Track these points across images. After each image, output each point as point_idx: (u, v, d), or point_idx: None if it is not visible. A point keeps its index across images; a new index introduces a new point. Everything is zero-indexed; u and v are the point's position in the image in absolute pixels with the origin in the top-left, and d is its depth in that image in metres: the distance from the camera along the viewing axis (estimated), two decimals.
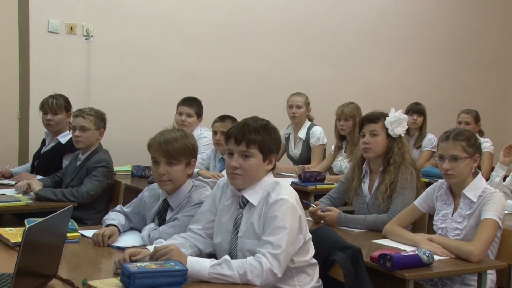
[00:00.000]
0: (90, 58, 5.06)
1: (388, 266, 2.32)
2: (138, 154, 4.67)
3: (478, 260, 2.49)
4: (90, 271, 2.17)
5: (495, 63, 7.12)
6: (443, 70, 6.76)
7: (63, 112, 4.18)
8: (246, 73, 5.66)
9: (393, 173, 3.07)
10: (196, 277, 2.04)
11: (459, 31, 6.86)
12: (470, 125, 5.17)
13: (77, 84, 4.99)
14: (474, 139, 2.76)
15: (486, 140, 5.19)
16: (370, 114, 3.21)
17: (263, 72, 5.73)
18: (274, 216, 2.18)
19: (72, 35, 5.01)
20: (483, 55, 7.02)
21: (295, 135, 5.09)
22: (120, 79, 5.16)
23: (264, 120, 2.35)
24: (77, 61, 5.02)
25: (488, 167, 5.08)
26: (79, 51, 5.03)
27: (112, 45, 5.12)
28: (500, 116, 7.13)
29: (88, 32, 5.04)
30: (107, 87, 5.11)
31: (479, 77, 6.99)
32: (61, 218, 2.01)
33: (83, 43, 5.04)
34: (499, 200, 2.67)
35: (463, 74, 6.89)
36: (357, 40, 6.24)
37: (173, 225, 2.56)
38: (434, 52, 6.70)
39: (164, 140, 2.57)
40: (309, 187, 4.09)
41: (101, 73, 5.08)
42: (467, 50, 6.90)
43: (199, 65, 5.46)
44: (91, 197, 3.57)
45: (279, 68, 5.82)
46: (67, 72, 4.98)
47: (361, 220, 3.04)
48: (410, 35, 6.53)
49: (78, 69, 5.02)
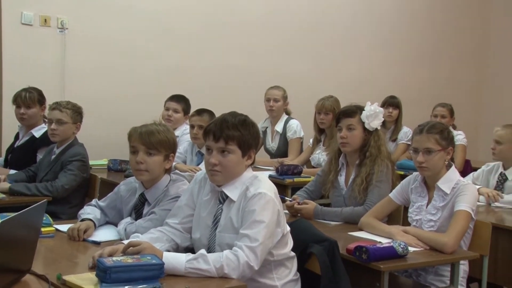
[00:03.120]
0: (65, 51, 4.99)
1: (364, 258, 2.34)
2: (115, 148, 4.66)
3: (451, 251, 2.53)
4: (65, 266, 2.15)
5: (470, 57, 7.21)
6: (419, 64, 6.83)
7: (36, 105, 4.13)
8: (225, 67, 5.64)
9: (369, 166, 3.10)
10: (172, 272, 2.04)
11: (434, 26, 6.93)
12: (446, 119, 5.24)
13: (51, 77, 4.92)
14: (448, 132, 2.80)
15: (459, 133, 5.27)
16: (346, 108, 3.22)
17: (241, 66, 5.72)
18: (252, 210, 2.18)
19: (46, 27, 4.92)
20: (458, 49, 7.11)
21: (272, 128, 5.11)
22: (96, 72, 5.10)
23: (242, 115, 2.34)
24: (51, 54, 4.95)
25: (461, 160, 5.16)
26: (54, 44, 4.95)
27: (88, 38, 5.05)
28: (474, 109, 7.23)
29: (63, 25, 4.97)
30: (83, 81, 5.05)
31: (453, 71, 7.08)
32: (35, 212, 1.99)
33: (58, 35, 4.96)
34: (472, 192, 2.72)
35: (438, 68, 6.98)
36: (334, 34, 6.26)
37: (150, 219, 2.55)
38: (410, 46, 6.76)
39: (146, 131, 2.57)
40: (287, 180, 4.11)
41: (77, 67, 5.01)
42: (442, 44, 6.98)
43: (177, 60, 5.42)
44: (66, 191, 3.54)
45: (257, 62, 5.81)
46: (41, 65, 4.90)
47: (338, 213, 3.06)
48: (386, 30, 6.58)
49: (53, 62, 4.95)
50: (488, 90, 7.26)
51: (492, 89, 7.21)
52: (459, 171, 3.01)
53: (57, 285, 1.92)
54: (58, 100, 3.78)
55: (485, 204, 3.62)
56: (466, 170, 5.01)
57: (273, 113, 5.04)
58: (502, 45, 7.15)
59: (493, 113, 7.03)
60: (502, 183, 3.78)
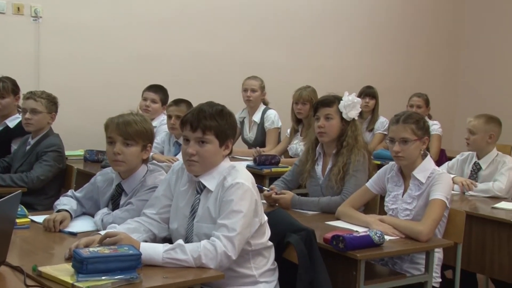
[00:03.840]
0: (39, 40, 4.90)
1: (341, 247, 2.37)
2: (91, 139, 4.61)
3: (426, 239, 2.57)
4: (41, 257, 2.13)
5: (445, 48, 7.28)
6: (394, 54, 6.86)
7: (10, 95, 4.08)
8: (201, 56, 5.60)
9: (346, 156, 3.12)
10: (149, 263, 2.03)
11: (410, 16, 6.97)
12: (422, 109, 5.29)
13: (25, 66, 4.83)
14: (423, 122, 2.83)
15: (434, 122, 5.32)
16: (324, 98, 3.24)
17: (218, 55, 5.68)
18: (230, 199, 2.18)
19: (19, 15, 4.82)
20: (433, 40, 7.16)
21: (250, 118, 5.11)
22: (72, 61, 5.02)
23: (219, 105, 2.34)
24: (25, 43, 4.85)
25: (436, 149, 5.23)
26: (27, 32, 4.86)
27: (63, 27, 4.97)
28: (449, 99, 7.32)
29: (37, 13, 4.87)
30: (58, 70, 4.96)
31: (429, 60, 7.14)
32: (9, 203, 1.96)
33: (31, 24, 4.87)
34: (447, 181, 2.76)
35: (414, 59, 7.03)
36: (310, 24, 6.25)
37: (127, 209, 2.53)
38: (386, 37, 6.79)
39: (123, 121, 2.55)
40: (264, 170, 4.12)
41: (51, 56, 4.93)
42: (417, 35, 7.02)
43: (153, 48, 5.37)
44: (41, 182, 3.49)
45: (234, 51, 5.78)
46: (15, 54, 4.80)
47: (315, 203, 3.08)
48: (362, 19, 6.60)
49: (26, 51, 4.86)
50: (463, 81, 7.35)
51: (467, 80, 7.31)
52: (434, 160, 3.04)
53: (33, 277, 1.90)
54: (33, 90, 3.73)
55: (459, 193, 3.69)
56: (441, 159, 5.09)
57: (251, 103, 5.04)
58: (476, 36, 7.23)
59: (468, 103, 7.12)
60: (476, 172, 3.84)
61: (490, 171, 3.78)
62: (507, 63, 6.89)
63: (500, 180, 3.66)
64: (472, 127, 3.82)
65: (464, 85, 7.34)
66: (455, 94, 7.41)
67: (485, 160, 3.82)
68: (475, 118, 3.85)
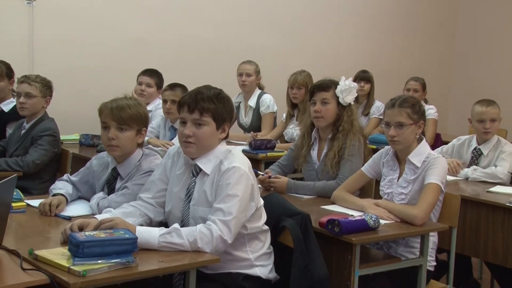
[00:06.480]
0: (33, 23, 4.86)
1: (336, 231, 2.38)
2: (86, 123, 4.60)
3: (421, 223, 2.58)
4: (37, 241, 2.13)
5: (440, 32, 7.26)
6: (390, 38, 6.84)
7: (4, 79, 4.06)
8: (196, 41, 5.57)
9: (341, 140, 3.12)
10: (145, 247, 2.04)
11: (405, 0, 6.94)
12: (418, 93, 5.29)
13: (19, 50, 4.79)
14: (419, 106, 2.83)
15: (430, 107, 5.32)
16: (321, 82, 3.23)
17: (213, 39, 5.65)
18: (226, 183, 2.19)
19: None
20: (429, 24, 7.13)
21: (245, 103, 5.10)
22: (66, 45, 4.98)
23: (217, 88, 2.34)
24: (19, 26, 4.81)
25: (432, 133, 5.23)
26: (21, 15, 4.81)
27: (57, 10, 4.92)
28: (444, 83, 7.31)
29: None
30: (52, 53, 4.93)
31: (424, 44, 7.12)
32: (5, 187, 1.96)
33: (25, 7, 4.82)
34: (442, 165, 2.77)
35: (409, 43, 7.00)
36: (305, 8, 6.22)
37: (122, 193, 2.54)
38: (381, 20, 6.76)
39: (117, 106, 2.53)
40: (260, 155, 4.12)
41: (46, 39, 4.89)
42: (413, 19, 6.99)
43: (148, 32, 5.33)
44: (36, 166, 3.49)
45: (229, 36, 5.75)
46: (8, 37, 4.77)
47: (310, 187, 3.09)
48: (357, 3, 6.56)
49: (21, 35, 4.82)
50: (459, 65, 7.34)
51: (462, 64, 7.29)
52: (430, 145, 3.05)
53: (29, 260, 1.91)
54: (28, 73, 3.70)
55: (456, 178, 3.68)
56: (437, 144, 5.09)
57: (246, 88, 5.02)
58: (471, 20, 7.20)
59: (463, 88, 7.12)
60: (477, 158, 3.83)
61: (491, 157, 3.77)
62: (501, 48, 6.88)
63: (502, 165, 3.65)
64: (494, 114, 3.75)
65: (459, 69, 7.33)
66: (450, 79, 7.41)
67: (486, 145, 3.79)
68: (487, 106, 3.76)
